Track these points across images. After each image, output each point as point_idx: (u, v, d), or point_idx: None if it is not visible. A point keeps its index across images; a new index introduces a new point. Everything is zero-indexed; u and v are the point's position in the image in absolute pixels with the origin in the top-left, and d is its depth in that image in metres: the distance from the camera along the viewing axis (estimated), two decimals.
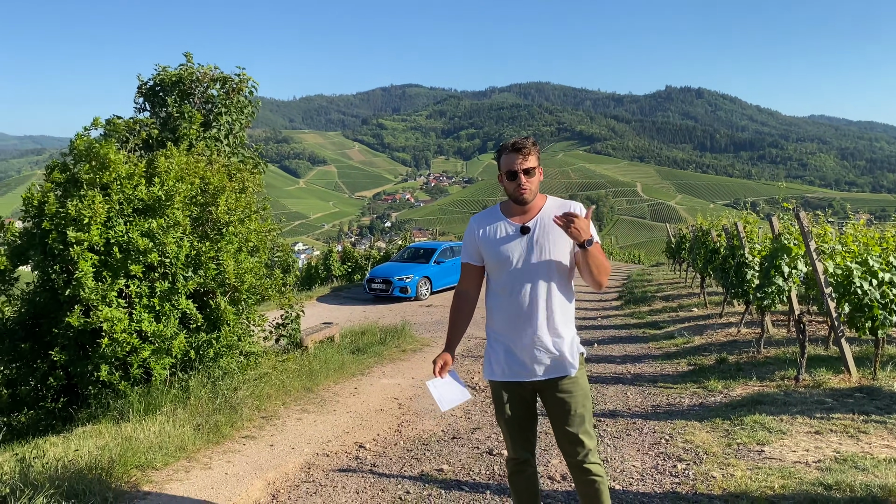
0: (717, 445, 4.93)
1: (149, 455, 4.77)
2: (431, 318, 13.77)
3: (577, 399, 3.04)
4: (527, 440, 3.19)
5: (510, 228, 3.07)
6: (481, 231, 3.14)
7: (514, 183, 3.00)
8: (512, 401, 3.12)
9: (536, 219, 3.06)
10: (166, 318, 6.24)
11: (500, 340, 3.10)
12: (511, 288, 3.02)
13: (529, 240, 3.02)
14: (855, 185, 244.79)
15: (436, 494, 4.33)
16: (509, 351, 3.06)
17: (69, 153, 6.69)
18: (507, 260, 3.03)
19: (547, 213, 3.06)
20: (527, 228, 3.03)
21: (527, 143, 3.00)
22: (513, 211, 3.12)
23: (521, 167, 2.97)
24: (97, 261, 6.00)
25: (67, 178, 6.50)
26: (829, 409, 5.63)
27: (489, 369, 3.15)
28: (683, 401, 6.46)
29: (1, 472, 4.33)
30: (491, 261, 3.10)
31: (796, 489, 3.96)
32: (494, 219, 3.14)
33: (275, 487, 4.54)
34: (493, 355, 3.13)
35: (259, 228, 7.21)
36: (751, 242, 10.27)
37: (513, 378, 3.07)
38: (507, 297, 3.04)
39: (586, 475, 3.07)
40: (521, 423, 3.15)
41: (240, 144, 8.68)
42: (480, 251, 3.16)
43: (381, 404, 6.84)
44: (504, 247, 3.05)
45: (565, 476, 4.52)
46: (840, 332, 6.72)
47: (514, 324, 3.03)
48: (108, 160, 6.18)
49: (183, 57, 8.50)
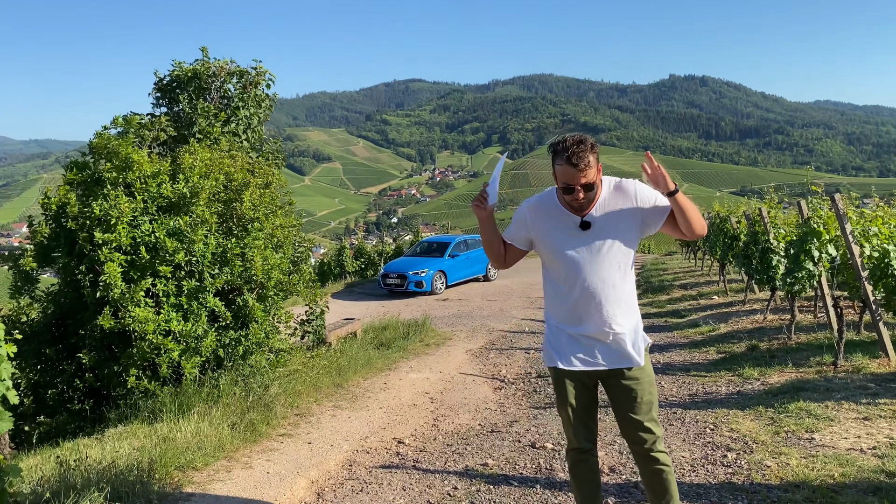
0: (764, 434, 4.81)
1: (188, 455, 4.69)
2: (449, 312, 13.69)
3: (644, 387, 2.94)
4: (588, 429, 3.10)
5: (569, 221, 2.91)
6: (536, 220, 3.00)
7: (570, 196, 2.82)
8: (575, 389, 3.02)
9: (596, 207, 2.90)
10: (195, 317, 6.17)
11: (563, 330, 2.99)
12: (573, 279, 2.91)
13: (591, 233, 2.88)
14: (862, 170, 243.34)
15: (484, 490, 4.23)
16: (572, 339, 2.96)
17: (88, 152, 6.62)
18: (568, 254, 2.91)
19: (605, 199, 2.91)
20: (587, 224, 2.88)
21: (584, 155, 2.72)
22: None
23: (579, 183, 2.76)
24: (124, 261, 5.93)
25: (88, 177, 6.42)
26: (873, 395, 5.50)
27: (550, 357, 3.04)
28: (720, 389, 6.35)
29: (42, 475, 4.26)
30: (548, 253, 2.99)
31: (857, 477, 3.85)
32: (551, 208, 2.97)
33: (319, 486, 4.46)
34: (555, 343, 3.03)
35: (284, 224, 7.12)
36: (775, 228, 10.13)
37: (576, 367, 2.96)
38: (568, 288, 2.93)
39: (654, 464, 2.98)
40: (583, 412, 3.06)
41: (258, 139, 8.60)
42: (532, 239, 3.04)
43: (412, 399, 6.76)
44: (564, 241, 2.92)
45: (614, 468, 4.43)
46: (878, 316, 6.59)
47: (575, 314, 2.94)
48: (131, 159, 6.10)
49: (199, 52, 8.41)
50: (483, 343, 10.00)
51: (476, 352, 9.33)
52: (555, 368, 3.05)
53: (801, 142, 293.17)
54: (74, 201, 6.05)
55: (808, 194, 8.97)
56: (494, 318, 12.56)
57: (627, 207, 2.90)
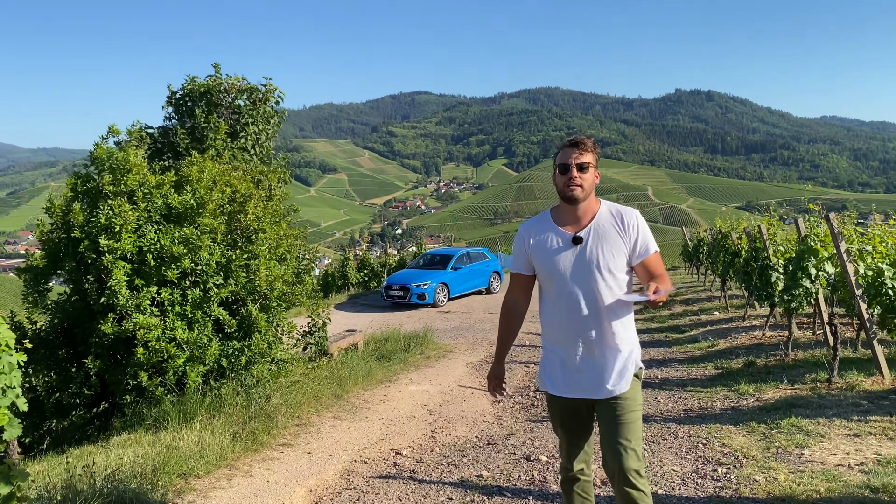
0: (755, 449, 4.90)
1: (190, 463, 4.81)
2: (451, 325, 13.79)
3: (628, 414, 2.86)
4: (582, 451, 3.09)
5: (561, 238, 2.93)
6: (531, 240, 3.02)
7: (566, 177, 2.86)
8: (567, 414, 3.03)
9: (590, 227, 2.91)
10: (199, 326, 6.30)
11: (556, 353, 2.99)
12: (564, 301, 2.90)
13: (582, 250, 2.88)
14: (868, 186, 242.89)
15: (478, 500, 4.33)
16: (565, 365, 2.95)
17: (91, 163, 6.79)
18: (559, 272, 2.90)
19: (602, 219, 2.92)
20: (579, 238, 2.89)
21: (587, 140, 2.89)
22: (564, 218, 2.97)
23: (575, 161, 2.85)
24: (129, 269, 6.07)
25: (92, 187, 6.59)
26: (865, 412, 5.59)
27: (543, 382, 3.07)
28: (715, 405, 6.44)
29: (48, 481, 4.38)
30: (542, 272, 2.99)
31: (842, 492, 3.94)
32: (544, 227, 3.01)
33: (317, 495, 4.57)
34: (549, 368, 3.04)
35: (288, 235, 7.26)
36: (774, 245, 10.22)
37: (568, 393, 2.96)
38: (561, 310, 2.92)
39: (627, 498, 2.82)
40: (575, 436, 3.06)
41: (266, 154, 8.78)
42: (531, 261, 3.04)
43: (411, 411, 6.86)
44: (555, 258, 2.91)
45: (606, 482, 4.52)
46: (872, 334, 6.67)
47: (568, 337, 2.92)
48: (130, 167, 6.26)
49: (210, 66, 8.61)
50: (483, 356, 10.09)
51: (476, 365, 9.42)
52: (547, 393, 3.08)
53: (807, 157, 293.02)
54: (79, 210, 6.21)
55: (806, 212, 9.07)
56: (495, 331, 12.60)
57: (620, 236, 2.90)
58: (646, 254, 2.91)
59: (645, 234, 2.92)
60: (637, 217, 2.95)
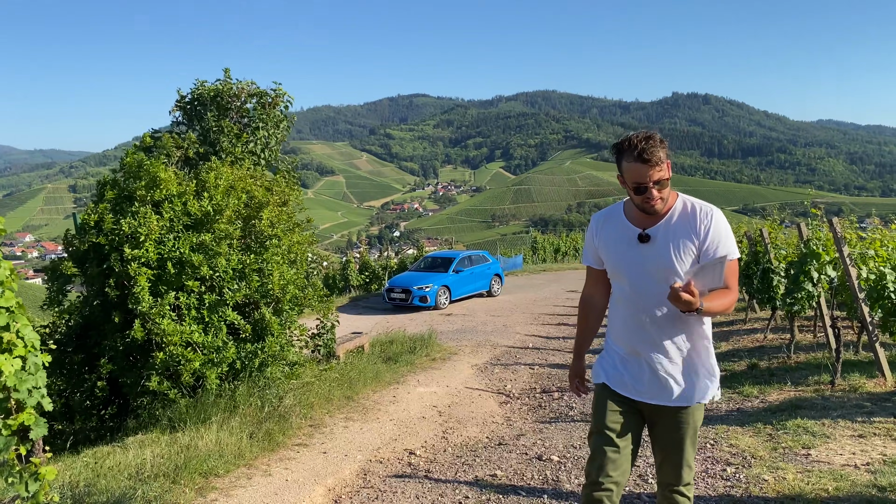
0: (763, 449, 5.01)
1: (210, 462, 4.91)
2: (453, 327, 13.88)
3: (689, 431, 2.74)
4: (614, 465, 2.71)
5: (629, 233, 2.73)
6: (600, 233, 2.86)
7: (643, 197, 2.61)
8: (615, 413, 2.78)
9: (660, 224, 2.67)
10: (214, 330, 6.39)
11: (617, 351, 2.85)
12: (631, 300, 2.74)
13: (650, 249, 2.67)
14: (864, 190, 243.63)
15: (494, 499, 4.44)
16: (626, 362, 2.79)
17: (119, 170, 6.89)
18: (625, 269, 2.73)
19: (675, 216, 2.67)
20: (646, 236, 2.67)
21: (656, 150, 2.53)
22: (637, 214, 2.75)
23: (652, 180, 2.56)
24: (151, 275, 6.17)
25: (118, 194, 6.69)
26: (869, 413, 5.70)
27: (598, 374, 2.89)
28: (720, 406, 6.55)
29: (69, 479, 4.47)
30: (609, 267, 2.85)
31: (850, 491, 4.05)
32: (615, 220, 2.82)
33: (336, 493, 4.67)
34: (608, 360, 2.87)
35: (300, 240, 7.36)
36: (776, 248, 10.34)
37: (622, 391, 2.79)
38: (627, 309, 2.76)
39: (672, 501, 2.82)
40: (616, 442, 2.74)
41: (275, 159, 8.88)
42: (599, 255, 2.89)
43: (421, 412, 6.96)
44: (622, 254, 2.74)
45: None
46: (874, 337, 6.79)
47: (632, 338, 2.76)
48: (160, 178, 6.36)
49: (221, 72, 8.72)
50: (488, 358, 10.19)
51: (481, 367, 9.52)
52: (600, 385, 2.87)
53: (803, 160, 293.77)
54: (109, 218, 6.31)
55: (808, 216, 9.19)
56: (498, 333, 12.75)
57: (691, 234, 2.64)
58: (713, 257, 2.58)
59: (717, 235, 2.62)
60: (713, 215, 2.65)
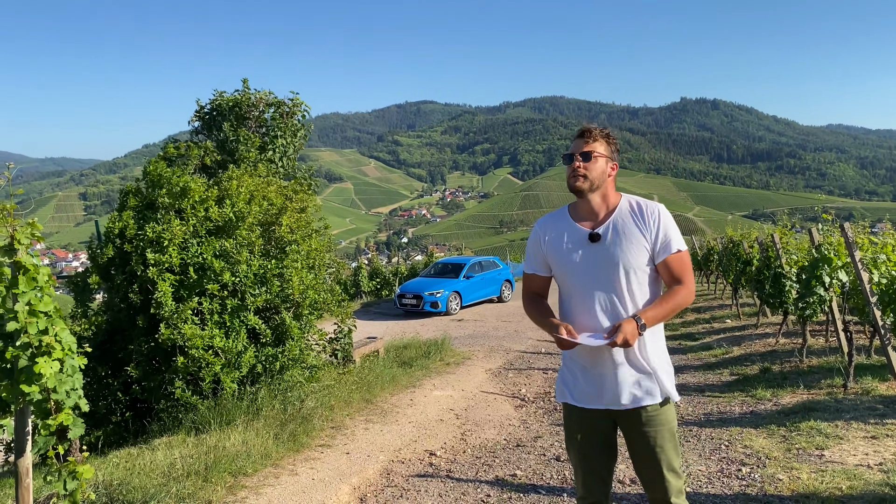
0: (777, 450, 5.12)
1: (238, 462, 5.06)
2: (465, 332, 14.01)
3: (664, 433, 2.68)
4: (600, 478, 2.76)
5: (577, 234, 2.70)
6: (546, 237, 2.79)
7: (570, 168, 2.67)
8: (586, 430, 2.74)
9: (609, 222, 2.66)
10: (235, 334, 6.55)
11: (576, 360, 2.74)
12: (583, 303, 2.66)
13: (600, 248, 2.64)
14: (875, 194, 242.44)
15: (515, 498, 4.57)
16: (585, 372, 2.70)
17: (143, 178, 7.08)
18: (576, 272, 2.67)
19: (621, 214, 2.67)
20: (596, 235, 2.65)
21: (594, 132, 2.69)
22: (581, 213, 2.74)
23: (580, 150, 2.66)
24: (174, 280, 6.33)
25: (141, 202, 6.87)
26: (881, 415, 5.79)
27: (562, 391, 2.81)
28: (734, 409, 6.65)
29: (108, 478, 4.62)
30: (558, 272, 2.76)
31: (864, 489, 4.15)
32: (560, 223, 2.78)
33: (361, 492, 4.81)
34: (568, 376, 2.79)
35: (319, 247, 7.52)
36: (787, 253, 10.43)
37: (589, 404, 2.70)
38: (580, 314, 2.68)
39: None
40: (594, 458, 2.75)
41: (292, 167, 9.06)
42: (547, 260, 2.80)
43: (439, 415, 7.09)
44: (571, 256, 2.68)
45: (635, 480, 4.73)
46: (886, 341, 6.87)
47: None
48: (188, 187, 6.53)
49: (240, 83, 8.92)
50: (501, 363, 10.31)
51: (495, 371, 9.65)
52: (565, 404, 2.83)
53: (813, 165, 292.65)
54: (133, 225, 6.49)
55: (819, 221, 9.28)
56: (510, 338, 12.87)
57: (641, 230, 2.64)
58: (667, 251, 2.63)
59: (667, 229, 2.64)
60: (660, 210, 2.68)
